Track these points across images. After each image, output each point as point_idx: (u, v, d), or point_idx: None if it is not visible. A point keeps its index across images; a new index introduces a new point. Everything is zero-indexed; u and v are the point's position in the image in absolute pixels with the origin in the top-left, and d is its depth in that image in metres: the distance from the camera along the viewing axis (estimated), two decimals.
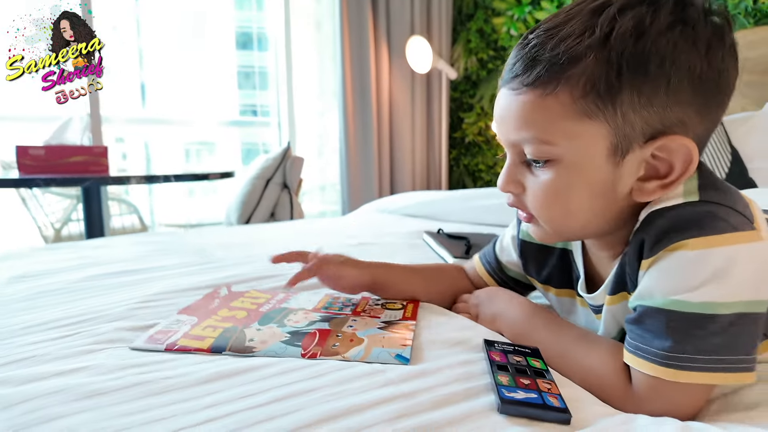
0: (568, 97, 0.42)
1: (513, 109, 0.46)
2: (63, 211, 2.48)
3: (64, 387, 0.40)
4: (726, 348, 0.40)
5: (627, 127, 0.43)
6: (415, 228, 1.30)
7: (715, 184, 0.45)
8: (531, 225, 0.52)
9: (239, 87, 4.02)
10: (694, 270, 0.40)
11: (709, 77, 0.42)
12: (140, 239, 1.10)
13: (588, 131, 0.43)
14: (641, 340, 0.43)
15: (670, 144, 0.43)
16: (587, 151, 0.44)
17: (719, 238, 0.40)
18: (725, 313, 0.39)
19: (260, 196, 2.29)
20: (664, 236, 0.42)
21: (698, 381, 0.40)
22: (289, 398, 0.39)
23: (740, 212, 0.42)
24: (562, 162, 0.45)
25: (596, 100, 0.42)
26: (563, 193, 0.46)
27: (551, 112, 0.43)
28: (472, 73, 2.99)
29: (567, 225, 0.49)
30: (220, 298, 0.66)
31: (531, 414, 0.39)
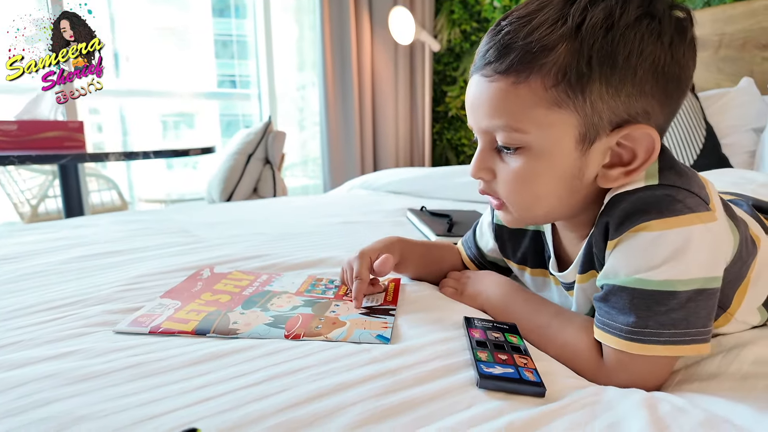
0: (539, 86, 0.43)
1: (485, 96, 0.47)
2: (39, 187, 2.42)
3: (57, 371, 0.41)
4: (685, 322, 0.43)
5: (595, 117, 0.44)
6: (398, 205, 1.32)
7: (674, 166, 0.47)
8: (501, 211, 0.54)
9: (216, 56, 3.90)
10: (654, 250, 0.43)
11: (671, 70, 0.44)
12: (122, 218, 1.09)
13: (558, 120, 0.44)
14: (608, 316, 0.46)
15: (634, 133, 0.45)
16: (557, 140, 0.45)
17: (677, 220, 0.43)
18: (684, 289, 0.42)
19: (242, 172, 2.27)
20: (626, 219, 0.45)
21: (660, 353, 0.43)
22: (277, 378, 0.41)
23: (696, 194, 0.44)
24: (532, 149, 0.46)
25: (567, 90, 0.43)
26: (532, 180, 0.47)
27: (523, 100, 0.44)
28: (455, 45, 2.96)
29: (534, 210, 0.50)
30: (203, 281, 0.66)
31: (508, 388, 0.41)
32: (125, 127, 3.32)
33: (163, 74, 3.53)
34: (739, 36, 1.69)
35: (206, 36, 3.78)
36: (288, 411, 0.36)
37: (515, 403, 0.40)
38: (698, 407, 0.40)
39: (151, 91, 3.16)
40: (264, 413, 0.36)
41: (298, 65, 3.15)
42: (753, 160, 1.43)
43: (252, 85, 3.12)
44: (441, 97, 3.12)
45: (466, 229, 0.97)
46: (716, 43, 1.75)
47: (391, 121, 2.95)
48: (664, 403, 0.40)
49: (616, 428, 0.37)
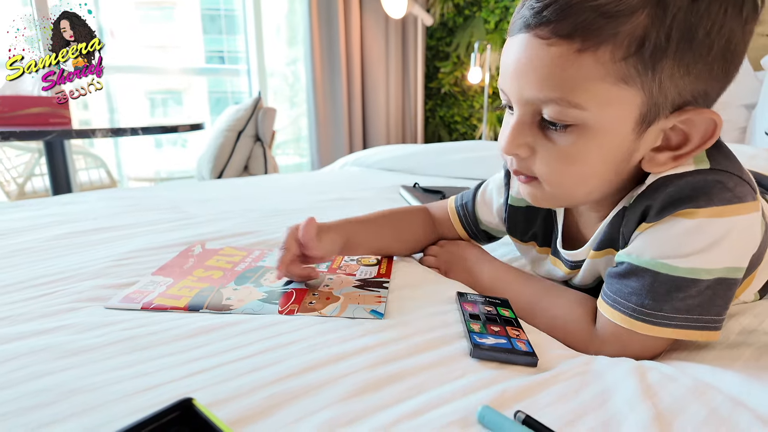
0: (608, 57, 0.38)
1: (538, 62, 0.40)
2: (25, 165, 2.38)
3: (48, 345, 0.41)
4: (699, 308, 0.42)
5: (660, 97, 0.40)
6: (391, 182, 1.31)
7: (722, 148, 0.44)
8: (528, 186, 0.48)
9: (204, 31, 3.81)
10: (691, 238, 0.41)
11: (739, 49, 0.39)
12: (111, 195, 1.08)
13: (621, 97, 0.39)
14: (620, 293, 0.45)
15: (695, 117, 0.41)
16: (616, 119, 0.40)
17: (724, 209, 0.40)
18: (706, 278, 0.41)
19: (232, 149, 2.24)
20: (671, 204, 0.42)
21: (668, 336, 0.43)
22: (271, 350, 0.41)
23: (746, 181, 0.42)
24: (586, 128, 0.41)
25: (637, 64, 0.38)
26: (581, 161, 0.43)
27: (586, 72, 0.38)
28: (449, 19, 2.92)
29: (574, 192, 0.46)
30: (195, 257, 0.66)
31: (501, 358, 0.42)
32: (112, 105, 3.26)
33: (150, 50, 3.45)
34: None
35: (193, 10, 3.68)
36: (282, 382, 0.37)
37: (508, 372, 0.40)
38: (686, 375, 0.40)
39: (138, 68, 3.09)
40: (258, 384, 0.36)
41: (288, 40, 3.09)
42: (744, 136, 1.44)
43: (241, 60, 3.06)
44: (434, 73, 3.08)
45: None
46: None
47: (382, 98, 2.92)
48: (653, 371, 0.41)
49: (607, 395, 0.37)
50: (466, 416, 0.34)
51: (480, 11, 2.76)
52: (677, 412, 0.35)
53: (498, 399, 0.36)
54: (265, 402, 0.34)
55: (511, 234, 0.63)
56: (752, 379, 0.40)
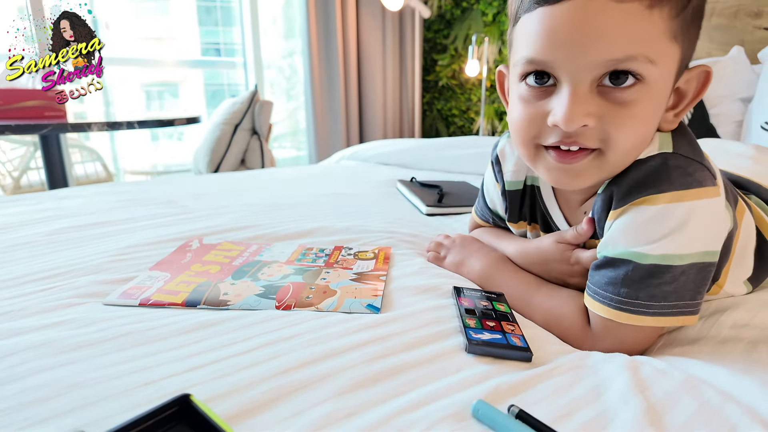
0: (668, 14, 0.40)
1: (611, 21, 0.39)
2: (20, 158, 2.37)
3: (48, 340, 0.41)
4: (675, 294, 0.43)
5: (686, 55, 0.43)
6: (389, 177, 1.31)
7: (687, 135, 0.47)
8: (576, 162, 0.45)
9: (200, 23, 3.78)
10: (657, 224, 0.42)
11: None
12: (108, 189, 1.08)
13: (672, 53, 0.42)
14: (599, 285, 0.46)
15: (693, 74, 0.45)
16: (667, 75, 0.43)
17: (684, 194, 0.42)
18: (679, 264, 0.42)
19: (229, 143, 2.23)
20: (634, 189, 0.44)
21: (648, 324, 0.44)
22: (269, 345, 0.42)
23: (705, 166, 0.43)
24: (648, 85, 0.41)
25: (682, 23, 0.41)
26: (648, 118, 0.43)
27: (656, 27, 0.40)
28: (446, 12, 2.90)
29: (633, 154, 0.45)
30: (192, 252, 0.66)
31: (496, 353, 0.42)
32: (108, 98, 3.24)
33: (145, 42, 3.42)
34: (732, 4, 1.68)
35: (188, 1, 3.65)
36: (279, 377, 0.37)
37: (502, 367, 0.41)
38: (678, 369, 0.41)
39: (133, 60, 3.06)
40: (256, 380, 0.37)
41: (285, 32, 3.07)
42: (740, 130, 1.44)
43: (237, 52, 3.04)
44: (431, 65, 3.07)
45: (456, 200, 0.98)
46: (709, 11, 1.73)
47: (379, 91, 2.91)
48: (645, 366, 0.41)
49: (600, 390, 0.38)
50: (461, 410, 0.35)
51: (478, 3, 2.74)
52: (669, 406, 0.36)
53: (492, 393, 0.37)
54: (262, 397, 0.35)
55: (510, 220, 0.64)
56: (743, 373, 0.40)
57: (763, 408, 0.36)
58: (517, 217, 0.63)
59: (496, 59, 2.73)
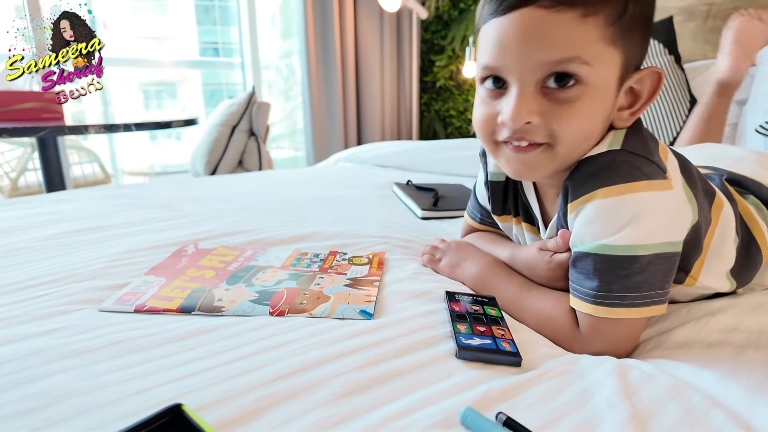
0: (603, 21, 0.44)
1: (549, 28, 0.44)
2: (18, 160, 2.37)
3: (43, 348, 0.42)
4: (646, 285, 0.45)
5: (630, 57, 0.47)
6: (385, 179, 1.32)
7: (639, 135, 0.50)
8: (528, 155, 0.49)
9: (198, 23, 3.78)
10: (612, 215, 0.45)
11: None
12: (104, 192, 1.08)
13: (612, 57, 0.46)
14: (576, 281, 0.48)
15: (645, 75, 0.49)
16: (607, 77, 0.47)
17: (631, 186, 0.45)
18: (644, 254, 0.45)
19: (226, 144, 2.24)
20: (584, 182, 0.47)
21: (623, 315, 0.45)
22: (261, 353, 0.42)
23: (655, 162, 0.47)
24: (588, 85, 0.46)
25: (621, 28, 0.45)
26: (588, 115, 0.47)
27: (590, 33, 0.44)
28: (444, 13, 2.90)
29: (581, 148, 0.49)
30: (188, 256, 0.66)
31: (485, 358, 0.43)
32: (105, 97, 3.24)
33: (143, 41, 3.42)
34: (728, 6, 1.68)
35: (187, 1, 3.65)
36: (271, 385, 0.38)
37: (492, 372, 0.41)
38: (666, 373, 0.42)
39: (131, 60, 3.06)
40: (248, 387, 0.37)
41: (283, 32, 3.07)
42: (735, 132, 1.44)
43: (235, 52, 3.04)
44: (429, 66, 3.07)
45: (451, 204, 0.98)
46: (704, 13, 1.74)
47: (377, 92, 2.91)
48: (634, 370, 0.42)
49: (588, 395, 0.39)
50: (450, 417, 0.35)
51: (475, 5, 2.75)
52: (655, 412, 0.37)
53: (482, 400, 0.37)
54: (253, 405, 0.35)
55: (494, 212, 0.66)
56: (729, 377, 0.41)
57: (747, 413, 0.37)
58: (501, 210, 0.65)
59: None
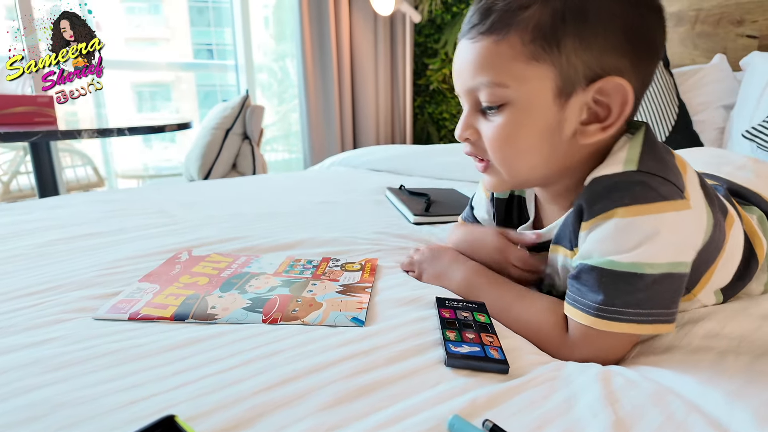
0: (518, 42, 0.46)
1: (469, 57, 0.49)
2: (10, 163, 2.36)
3: (36, 359, 0.42)
4: (650, 302, 0.45)
5: (570, 70, 0.47)
6: (378, 183, 1.32)
7: (655, 153, 0.49)
8: (486, 174, 0.56)
9: (192, 24, 3.77)
10: (625, 235, 0.45)
11: (641, 31, 0.47)
12: (98, 198, 1.08)
13: (536, 74, 0.47)
14: (578, 293, 0.48)
15: (606, 86, 0.47)
16: (536, 93, 0.48)
17: (648, 207, 0.45)
18: (651, 272, 0.45)
19: (220, 147, 2.24)
20: (599, 201, 0.47)
21: (624, 330, 0.46)
22: (253, 362, 0.43)
23: (672, 182, 0.46)
24: (514, 104, 0.48)
25: (543, 44, 0.46)
26: (515, 134, 0.50)
27: (503, 56, 0.47)
28: (437, 16, 2.92)
29: (518, 167, 0.52)
30: (182, 263, 0.67)
31: (474, 366, 0.44)
32: (99, 99, 3.23)
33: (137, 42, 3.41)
34: (715, 12, 1.71)
35: (180, 2, 3.64)
36: (263, 393, 0.38)
37: (480, 380, 0.42)
38: (649, 380, 0.43)
39: (124, 62, 3.05)
40: (240, 396, 0.38)
41: (276, 35, 3.08)
42: (722, 137, 1.47)
43: (229, 53, 3.04)
44: (422, 69, 3.09)
45: (443, 209, 0.99)
46: (693, 18, 1.76)
47: (372, 95, 2.92)
48: (617, 377, 0.43)
49: (572, 402, 0.39)
50: (439, 424, 0.36)
51: (468, 8, 2.76)
52: (636, 418, 0.37)
53: (469, 407, 0.38)
54: (246, 414, 0.36)
55: (498, 223, 0.68)
56: (710, 383, 0.42)
57: (726, 419, 0.37)
58: (504, 224, 0.66)
59: None
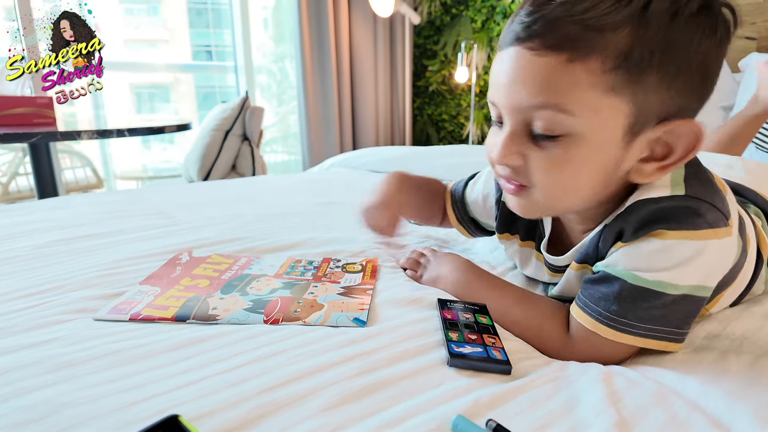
0: (598, 67, 0.40)
1: (529, 71, 0.42)
2: (9, 164, 2.35)
3: (37, 359, 0.42)
4: (663, 320, 0.45)
5: (646, 107, 0.42)
6: None
7: (699, 175, 0.47)
8: (516, 197, 0.50)
9: (191, 25, 3.77)
10: (662, 256, 0.44)
11: (714, 67, 0.43)
12: (97, 199, 1.08)
13: (611, 106, 0.41)
14: (591, 298, 0.48)
15: (679, 128, 0.43)
16: (605, 128, 0.42)
17: (695, 234, 0.43)
18: (672, 293, 0.44)
19: (220, 149, 2.24)
20: (644, 227, 0.45)
21: (630, 343, 0.46)
22: (256, 362, 0.43)
23: (719, 209, 0.44)
24: (579, 137, 0.43)
25: (625, 75, 0.40)
26: (573, 169, 0.44)
27: (577, 80, 0.41)
28: (436, 18, 2.93)
29: (564, 201, 0.48)
30: (182, 265, 0.67)
31: (476, 366, 0.44)
32: (98, 100, 3.22)
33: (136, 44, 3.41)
34: None
35: (179, 4, 3.64)
36: (266, 394, 0.38)
37: (483, 380, 0.42)
38: (650, 380, 0.43)
39: (123, 63, 3.05)
40: (243, 397, 0.38)
41: (276, 36, 3.08)
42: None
43: (228, 54, 3.05)
44: (421, 71, 3.09)
45: None
46: None
47: (371, 96, 2.93)
48: (619, 377, 0.43)
49: (575, 402, 0.39)
50: (442, 425, 0.36)
51: (467, 10, 2.77)
52: (639, 418, 0.38)
53: (472, 407, 0.38)
54: (249, 414, 0.36)
55: (499, 230, 0.66)
56: (711, 383, 0.42)
57: (728, 418, 0.38)
58: (505, 230, 0.65)
59: (485, 65, 2.75)
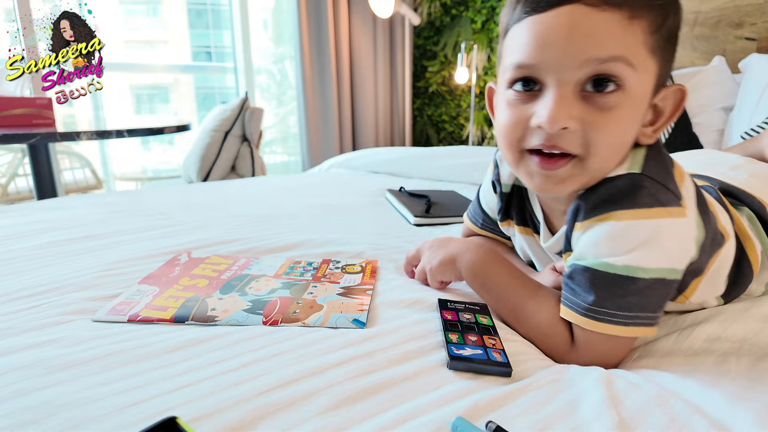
0: (648, 27, 0.43)
1: (599, 26, 0.42)
2: (8, 165, 2.35)
3: (36, 360, 0.42)
4: (638, 306, 0.45)
5: (662, 73, 0.46)
6: (378, 186, 1.32)
7: (659, 157, 0.49)
8: (555, 172, 0.47)
9: (191, 26, 3.77)
10: (621, 239, 0.45)
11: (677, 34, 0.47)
12: (96, 200, 1.08)
13: (651, 67, 0.44)
14: (571, 293, 0.48)
15: (667, 92, 0.47)
16: (646, 87, 0.45)
17: (645, 212, 0.44)
18: (644, 277, 0.45)
19: (219, 150, 2.24)
20: (599, 204, 0.47)
21: (611, 332, 0.46)
22: (255, 363, 0.42)
23: (670, 189, 0.46)
24: (630, 92, 0.44)
25: (659, 40, 0.44)
26: (626, 125, 0.45)
27: (636, 36, 0.43)
28: (436, 19, 2.93)
29: (611, 162, 0.47)
30: (181, 265, 0.67)
31: (476, 369, 0.44)
32: (97, 101, 3.22)
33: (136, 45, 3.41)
34: (714, 14, 1.72)
35: (179, 4, 3.65)
36: (265, 395, 0.38)
37: (483, 382, 0.42)
38: (651, 382, 0.43)
39: (123, 64, 3.05)
40: (242, 398, 0.37)
41: (275, 37, 3.08)
42: (721, 138, 1.47)
43: (228, 56, 3.05)
44: (421, 72, 3.09)
45: (444, 211, 0.99)
46: (692, 20, 1.77)
47: (371, 97, 2.92)
48: (620, 380, 0.43)
49: (575, 404, 0.39)
50: (442, 427, 0.36)
51: (467, 11, 2.77)
52: (640, 420, 0.37)
53: (472, 409, 0.38)
54: (248, 416, 0.36)
55: (500, 219, 0.66)
56: (712, 386, 0.42)
57: (729, 420, 0.37)
58: (504, 215, 0.65)
59: (485, 66, 2.75)
